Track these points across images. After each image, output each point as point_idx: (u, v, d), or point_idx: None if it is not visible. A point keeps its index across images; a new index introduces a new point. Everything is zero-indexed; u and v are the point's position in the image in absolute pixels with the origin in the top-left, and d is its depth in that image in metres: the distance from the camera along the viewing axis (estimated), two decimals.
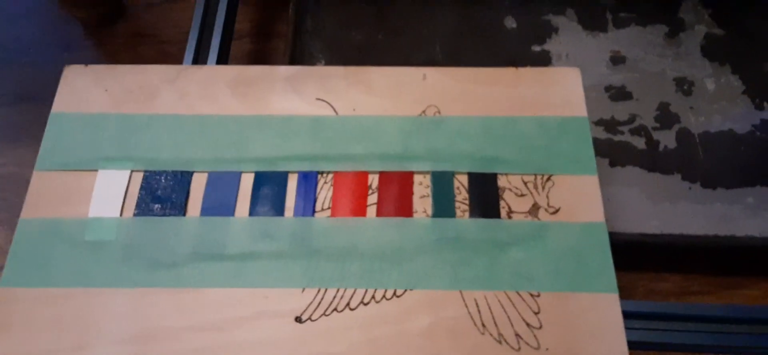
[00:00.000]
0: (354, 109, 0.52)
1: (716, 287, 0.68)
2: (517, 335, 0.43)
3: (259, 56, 0.86)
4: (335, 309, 0.44)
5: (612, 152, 0.72)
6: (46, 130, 0.52)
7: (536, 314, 0.44)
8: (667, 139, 0.73)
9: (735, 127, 0.73)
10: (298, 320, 0.44)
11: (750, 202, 0.68)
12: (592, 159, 0.50)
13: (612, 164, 0.71)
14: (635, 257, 0.67)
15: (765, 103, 0.75)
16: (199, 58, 0.70)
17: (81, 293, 0.45)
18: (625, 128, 0.73)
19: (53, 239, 0.47)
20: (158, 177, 0.49)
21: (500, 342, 0.43)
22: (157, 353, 0.43)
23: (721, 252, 0.69)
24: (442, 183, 0.49)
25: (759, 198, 0.68)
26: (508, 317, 0.44)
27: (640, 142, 0.72)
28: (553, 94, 0.53)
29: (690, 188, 0.69)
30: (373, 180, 0.49)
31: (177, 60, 0.81)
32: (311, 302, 0.45)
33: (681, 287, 0.67)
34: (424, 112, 0.52)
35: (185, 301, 0.45)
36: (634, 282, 0.67)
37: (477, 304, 0.44)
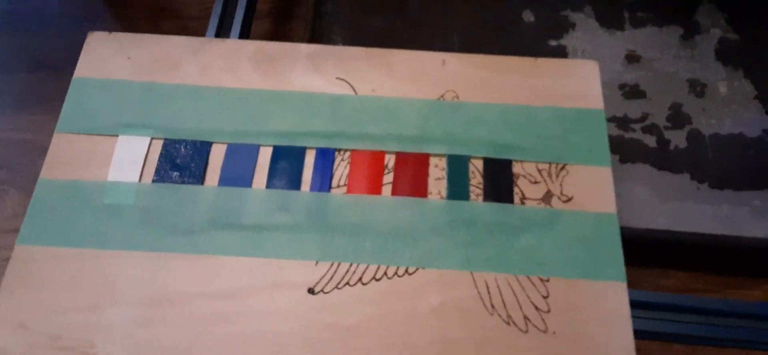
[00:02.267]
0: (373, 90, 0.53)
1: (719, 286, 0.68)
2: (525, 317, 0.44)
3: (279, 37, 0.87)
4: (348, 283, 0.45)
5: (623, 149, 0.72)
6: (68, 93, 0.52)
7: (545, 298, 0.45)
8: (678, 139, 0.73)
9: (745, 131, 0.74)
10: (310, 291, 0.45)
11: (757, 204, 0.69)
12: (607, 151, 0.50)
13: (622, 161, 0.72)
14: (642, 252, 0.68)
15: None
16: (222, 33, 0.70)
17: (97, 254, 0.46)
18: (637, 126, 0.74)
19: (72, 201, 0.48)
20: (178, 146, 0.50)
21: (508, 324, 0.44)
22: (170, 317, 0.44)
23: (727, 252, 0.69)
24: (457, 166, 0.50)
25: (766, 201, 0.69)
26: (518, 299, 0.45)
27: (651, 141, 0.73)
28: (570, 85, 0.53)
29: (698, 188, 0.70)
30: (390, 160, 0.50)
31: (198, 36, 0.82)
32: (324, 275, 0.45)
33: (685, 284, 0.68)
34: (442, 96, 0.53)
35: (200, 267, 0.45)
36: (640, 277, 0.68)
37: (487, 285, 0.45)
